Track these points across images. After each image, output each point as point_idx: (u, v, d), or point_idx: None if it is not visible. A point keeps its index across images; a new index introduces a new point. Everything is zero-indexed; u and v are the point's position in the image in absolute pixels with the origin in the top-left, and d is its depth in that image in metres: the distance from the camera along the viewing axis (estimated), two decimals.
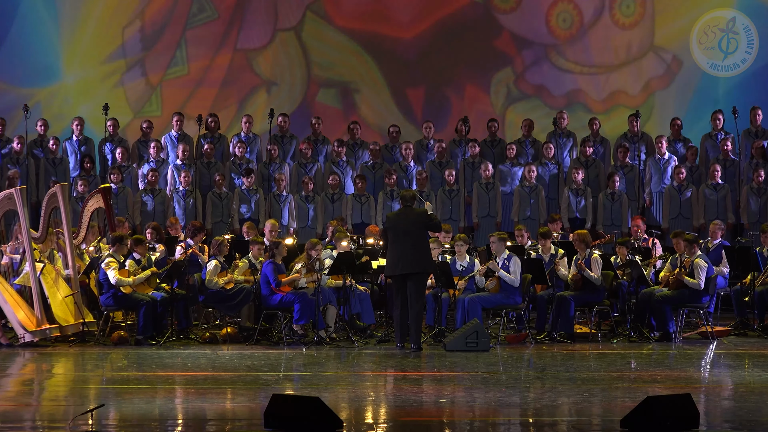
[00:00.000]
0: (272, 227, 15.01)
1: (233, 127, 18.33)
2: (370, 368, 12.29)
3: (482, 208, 17.01)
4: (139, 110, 18.65)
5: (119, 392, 10.85)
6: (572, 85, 18.86)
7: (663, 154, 17.13)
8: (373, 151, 17.41)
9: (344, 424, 9.02)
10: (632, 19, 18.84)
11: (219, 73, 18.82)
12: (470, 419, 9.80)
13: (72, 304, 13.70)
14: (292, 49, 18.92)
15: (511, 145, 17.37)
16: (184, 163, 16.96)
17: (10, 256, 13.92)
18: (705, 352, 13.36)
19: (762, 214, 16.66)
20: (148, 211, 16.64)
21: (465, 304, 13.68)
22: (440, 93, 18.90)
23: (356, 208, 16.86)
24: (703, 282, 13.68)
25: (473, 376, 11.65)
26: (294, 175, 17.29)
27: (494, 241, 13.99)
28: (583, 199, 16.83)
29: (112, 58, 18.71)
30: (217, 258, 13.98)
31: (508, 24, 18.88)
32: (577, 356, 13.04)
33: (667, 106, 18.57)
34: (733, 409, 10.21)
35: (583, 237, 14.12)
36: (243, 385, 11.26)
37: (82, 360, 12.82)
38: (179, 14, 18.79)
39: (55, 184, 14.38)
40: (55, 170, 16.99)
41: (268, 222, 15.25)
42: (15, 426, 9.29)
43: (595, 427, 9.39)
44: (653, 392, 10.27)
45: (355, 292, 14.11)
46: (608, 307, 14.17)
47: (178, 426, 9.52)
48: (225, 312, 14.36)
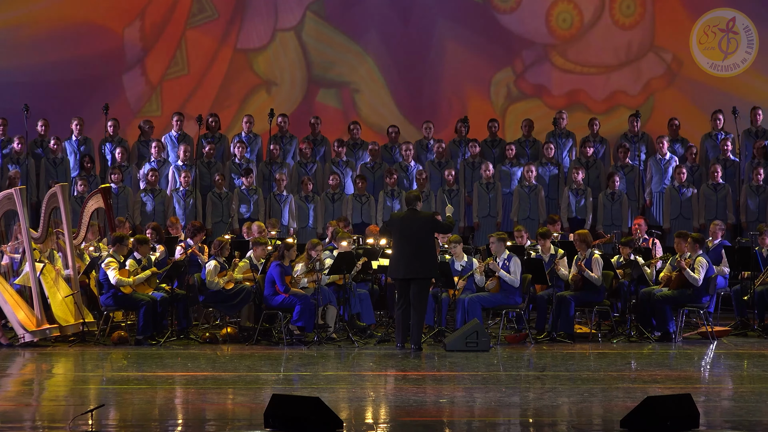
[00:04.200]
0: (259, 228, 15.01)
1: (233, 127, 18.33)
2: (370, 368, 12.28)
3: (482, 208, 17.01)
4: (139, 110, 18.65)
5: (119, 392, 10.85)
6: (572, 85, 18.85)
7: (664, 154, 17.13)
8: (373, 151, 17.41)
9: (344, 424, 9.02)
10: (632, 19, 18.83)
11: (219, 73, 18.82)
12: (470, 419, 9.81)
13: (72, 304, 13.70)
14: (292, 49, 18.92)
15: (511, 146, 17.37)
16: (185, 163, 16.96)
17: (10, 255, 13.93)
18: (705, 352, 13.36)
19: (761, 213, 16.67)
20: (147, 211, 16.64)
21: (465, 304, 13.68)
22: (440, 93, 18.89)
23: (356, 208, 16.86)
24: (701, 279, 13.68)
25: (473, 376, 11.65)
26: (294, 175, 17.29)
27: (494, 241, 13.99)
28: (583, 199, 16.82)
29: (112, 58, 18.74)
30: (216, 258, 13.98)
31: (508, 24, 18.87)
32: (577, 356, 13.04)
33: (667, 106, 18.57)
34: (733, 409, 10.21)
35: (583, 237, 14.12)
36: (243, 385, 11.26)
37: (82, 360, 12.82)
38: (179, 14, 18.78)
39: (55, 184, 14.38)
40: (56, 170, 16.99)
41: (254, 224, 15.21)
42: (15, 426, 9.29)
43: (595, 427, 9.39)
44: (653, 392, 10.28)
45: (355, 292, 14.12)
46: (608, 307, 14.17)
47: (178, 426, 9.52)
48: (225, 312, 14.36)
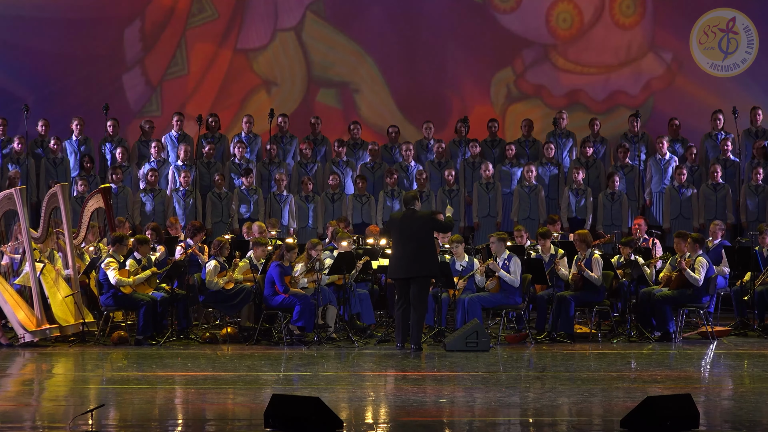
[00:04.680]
0: (260, 228, 15.02)
1: (233, 127, 18.32)
2: (370, 368, 12.28)
3: (482, 208, 17.00)
4: (139, 110, 18.65)
5: (119, 392, 10.85)
6: (572, 85, 18.84)
7: (664, 154, 17.13)
8: (373, 151, 17.41)
9: (344, 424, 9.02)
10: (632, 19, 18.82)
11: (219, 73, 18.81)
12: (470, 419, 9.80)
13: (72, 304, 13.70)
14: (292, 49, 18.91)
15: (511, 146, 17.36)
16: (185, 163, 16.96)
17: (10, 256, 13.92)
18: (705, 352, 13.36)
19: (760, 213, 16.66)
20: (147, 211, 16.64)
21: (465, 304, 13.68)
22: (440, 93, 18.89)
23: (357, 208, 16.86)
24: (702, 279, 13.68)
25: (473, 376, 11.65)
26: (294, 175, 17.29)
27: (494, 241, 13.98)
28: (583, 199, 16.82)
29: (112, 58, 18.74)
30: (216, 258, 13.98)
31: (508, 24, 18.86)
32: (577, 356, 13.04)
33: (667, 106, 18.56)
34: (733, 409, 10.20)
35: (583, 237, 14.12)
36: (243, 385, 11.26)
37: (82, 360, 12.82)
38: (179, 14, 18.77)
39: (55, 184, 14.38)
40: (56, 170, 16.99)
41: (255, 224, 15.21)
42: (15, 426, 9.29)
43: (595, 427, 9.38)
44: (653, 392, 10.27)
45: (355, 292, 14.11)
46: (608, 307, 14.17)
47: (178, 426, 9.52)
48: (225, 312, 14.35)
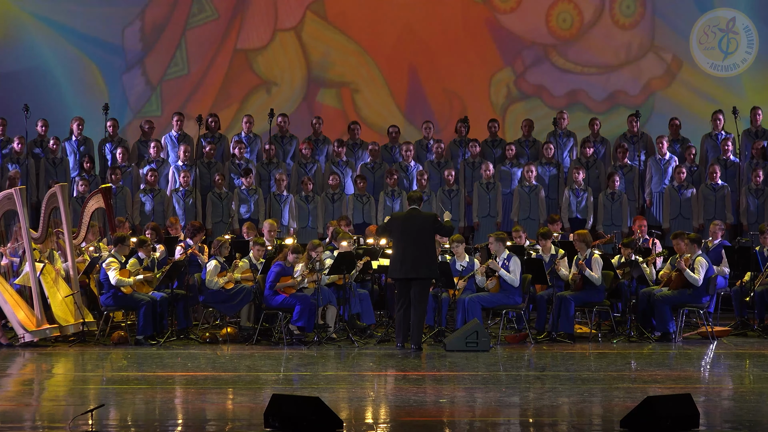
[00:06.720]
0: (270, 227, 15.03)
1: (233, 127, 18.32)
2: (370, 368, 12.28)
3: (482, 208, 17.00)
4: (139, 110, 18.65)
5: (119, 392, 10.85)
6: (572, 85, 18.85)
7: (664, 154, 17.12)
8: (373, 151, 17.40)
9: (344, 424, 9.02)
10: (632, 19, 18.82)
11: (219, 73, 18.82)
12: (470, 419, 9.80)
13: (72, 304, 13.69)
14: (292, 49, 18.91)
15: (511, 146, 17.36)
16: (185, 163, 16.96)
17: (10, 258, 13.92)
18: (705, 352, 13.36)
19: (760, 214, 16.66)
20: (146, 211, 16.64)
21: (465, 304, 13.67)
22: (440, 93, 18.89)
23: (357, 208, 16.85)
24: (701, 279, 13.68)
25: (473, 376, 11.65)
26: (294, 175, 17.29)
27: (493, 241, 13.98)
28: (583, 199, 16.82)
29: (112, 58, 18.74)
30: (216, 258, 13.98)
31: (508, 24, 18.87)
32: (577, 356, 13.03)
33: (667, 106, 18.56)
34: (733, 409, 10.20)
35: (583, 237, 14.12)
36: (243, 385, 11.26)
37: (82, 360, 12.82)
38: (179, 14, 18.78)
39: (55, 184, 14.38)
40: (55, 170, 16.99)
41: (266, 222, 15.25)
42: (15, 426, 9.29)
43: (595, 427, 9.39)
44: (653, 392, 10.27)
45: (355, 292, 14.11)
46: (608, 307, 14.17)
47: (178, 426, 9.52)
48: (225, 312, 14.35)
